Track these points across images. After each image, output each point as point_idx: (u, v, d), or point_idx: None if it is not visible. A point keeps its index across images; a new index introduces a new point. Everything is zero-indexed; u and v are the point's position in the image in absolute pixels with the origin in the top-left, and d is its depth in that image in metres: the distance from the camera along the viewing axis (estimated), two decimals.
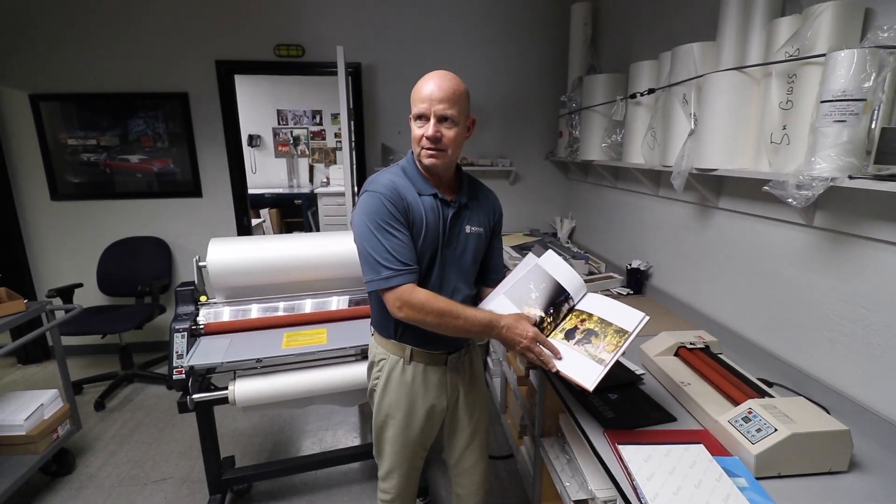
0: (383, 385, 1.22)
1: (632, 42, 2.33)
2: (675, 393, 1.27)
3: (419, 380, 1.21)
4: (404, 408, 1.22)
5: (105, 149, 2.87)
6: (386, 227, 1.05)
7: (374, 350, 1.24)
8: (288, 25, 2.82)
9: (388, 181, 1.10)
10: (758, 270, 1.48)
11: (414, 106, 1.10)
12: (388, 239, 1.04)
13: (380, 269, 1.04)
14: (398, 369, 1.20)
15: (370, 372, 1.27)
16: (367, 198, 1.07)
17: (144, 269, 2.90)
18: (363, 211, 1.07)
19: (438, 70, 1.12)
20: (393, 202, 1.06)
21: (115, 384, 2.69)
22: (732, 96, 1.39)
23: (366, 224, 1.05)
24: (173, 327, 1.42)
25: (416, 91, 1.10)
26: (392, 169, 1.16)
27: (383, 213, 1.05)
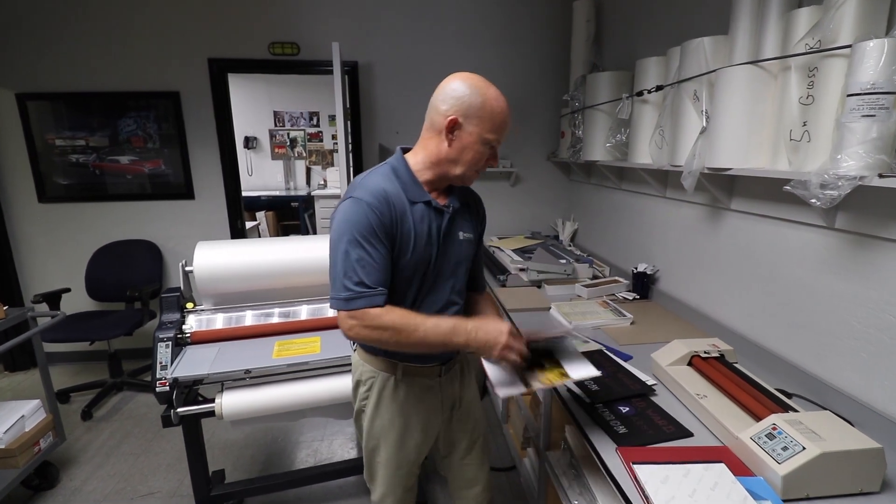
0: (374, 406, 1.13)
1: (637, 38, 2.26)
2: (691, 406, 1.19)
3: (413, 397, 1.13)
4: (398, 428, 1.13)
5: (94, 150, 2.79)
6: (363, 241, 0.94)
7: (360, 368, 1.15)
8: (283, 22, 2.75)
9: (377, 188, 0.98)
10: (774, 275, 1.41)
11: (487, 130, 0.99)
12: (361, 256, 0.94)
13: (341, 289, 0.94)
14: (389, 388, 1.11)
15: (356, 392, 1.17)
16: (350, 205, 0.96)
17: (135, 274, 2.81)
18: (343, 218, 0.96)
19: (499, 92, 1.01)
20: (378, 214, 0.95)
21: (103, 392, 2.60)
22: (747, 92, 1.33)
23: (341, 234, 0.95)
24: (157, 336, 1.34)
25: (492, 115, 0.98)
26: (381, 170, 1.04)
27: (363, 226, 0.94)
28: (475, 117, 0.98)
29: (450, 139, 1.00)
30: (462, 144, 1.00)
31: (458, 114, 0.97)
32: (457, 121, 0.97)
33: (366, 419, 1.15)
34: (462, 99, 0.97)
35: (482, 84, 0.99)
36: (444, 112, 0.98)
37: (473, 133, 0.99)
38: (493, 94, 0.99)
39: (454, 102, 0.98)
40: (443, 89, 1.00)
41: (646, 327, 1.71)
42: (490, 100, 0.98)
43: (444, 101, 0.99)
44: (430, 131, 1.02)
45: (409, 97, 2.92)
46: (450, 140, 1.00)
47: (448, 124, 0.98)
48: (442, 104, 0.99)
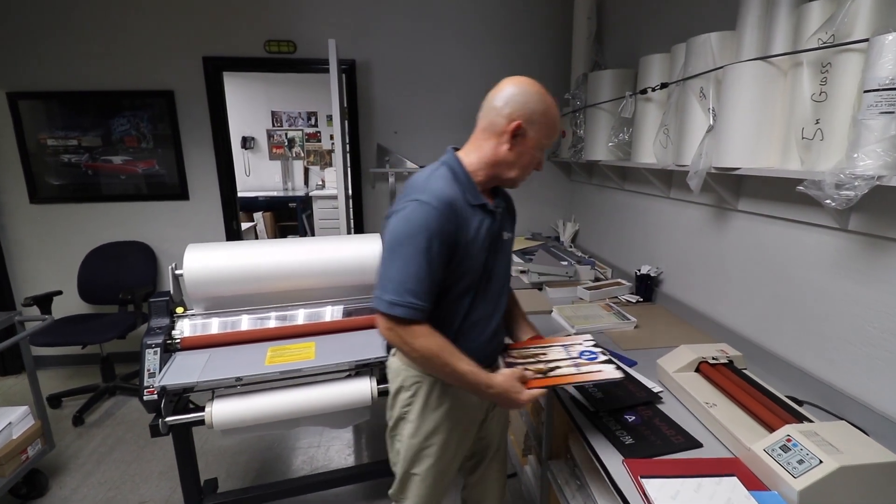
0: (419, 413, 1.08)
1: (640, 35, 2.22)
2: (699, 414, 1.15)
3: (459, 400, 1.09)
4: (443, 435, 1.09)
5: (87, 149, 2.74)
6: (426, 248, 0.91)
7: (403, 373, 1.09)
8: (279, 20, 2.70)
9: (442, 192, 0.95)
10: (783, 278, 1.36)
11: (545, 136, 1.03)
12: (420, 265, 0.91)
13: (387, 290, 0.92)
14: (436, 392, 1.07)
15: (396, 399, 1.11)
16: (417, 209, 0.92)
17: (128, 276, 2.76)
18: (406, 221, 0.92)
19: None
20: (445, 220, 0.93)
21: (95, 397, 2.55)
22: (756, 89, 1.28)
23: (404, 236, 0.91)
24: (145, 342, 1.29)
25: (552, 122, 1.03)
26: (440, 172, 1.01)
27: (429, 233, 0.91)
28: (537, 123, 0.99)
29: (511, 143, 1.00)
30: (522, 149, 1.01)
31: (522, 119, 0.98)
32: (521, 125, 0.98)
33: (408, 428, 1.10)
34: (527, 104, 0.98)
35: (543, 90, 1.01)
36: (508, 115, 0.98)
37: (533, 139, 1.01)
38: (551, 101, 1.02)
39: (519, 107, 0.98)
40: (504, 92, 1.00)
41: (650, 331, 1.67)
42: (551, 107, 1.01)
43: (508, 105, 0.98)
44: (488, 133, 1.02)
45: (407, 96, 2.87)
46: (511, 144, 1.00)
47: (513, 129, 0.98)
48: (505, 107, 0.99)
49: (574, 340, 1.17)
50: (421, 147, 2.96)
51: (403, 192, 1.01)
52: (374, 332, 1.52)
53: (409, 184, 1.03)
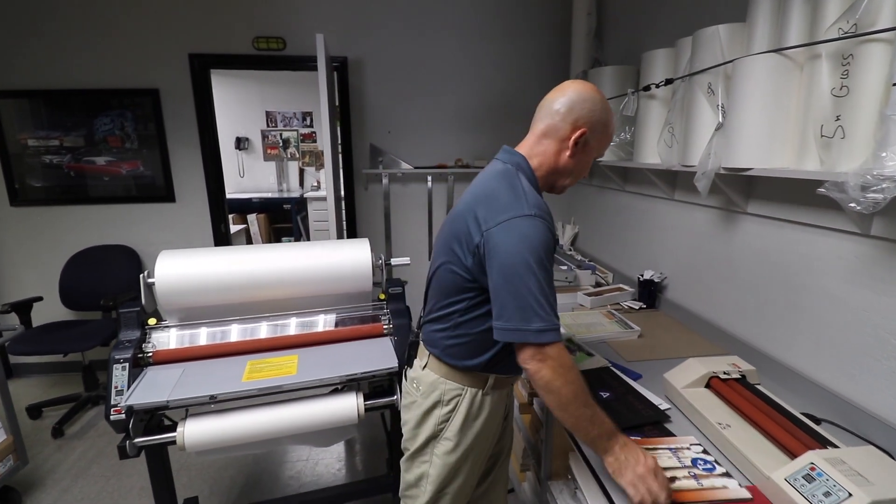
0: (459, 428, 1.01)
1: (642, 31, 2.13)
2: (712, 436, 1.06)
3: (493, 410, 1.06)
4: (478, 448, 1.05)
5: (69, 150, 2.64)
6: (549, 265, 0.86)
7: (441, 387, 1.02)
8: (268, 16, 2.61)
9: (542, 202, 0.91)
10: (798, 285, 1.27)
11: (603, 147, 1.00)
12: (548, 283, 0.85)
13: (531, 318, 0.83)
14: (476, 404, 1.02)
15: (429, 416, 1.03)
16: (529, 224, 0.85)
17: (111, 281, 2.66)
18: (528, 241, 0.84)
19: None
20: (552, 233, 0.88)
21: (77, 407, 2.45)
22: (769, 84, 1.19)
23: (529, 258, 0.84)
24: (112, 357, 1.20)
25: (610, 134, 0.99)
26: (523, 181, 0.92)
27: (548, 247, 0.86)
28: (599, 133, 0.96)
29: (573, 151, 0.95)
30: (581, 158, 0.97)
31: (588, 127, 0.93)
32: (586, 134, 0.94)
33: (444, 446, 1.03)
34: (594, 112, 0.94)
35: (605, 99, 0.97)
36: (573, 122, 0.93)
37: (594, 148, 0.97)
38: (610, 108, 0.98)
39: (585, 114, 0.93)
40: (568, 96, 0.94)
41: (655, 341, 1.58)
42: (612, 117, 0.97)
43: (573, 111, 0.93)
44: (550, 138, 0.96)
45: (401, 95, 2.78)
46: (573, 152, 0.95)
47: (578, 136, 0.93)
48: (569, 114, 0.93)
49: (680, 443, 1.06)
50: (415, 147, 2.87)
51: (487, 197, 0.91)
52: (362, 343, 1.46)
53: (488, 191, 0.93)
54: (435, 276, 1.04)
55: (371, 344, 1.41)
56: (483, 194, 0.94)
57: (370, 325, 1.46)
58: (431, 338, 1.05)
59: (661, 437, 1.08)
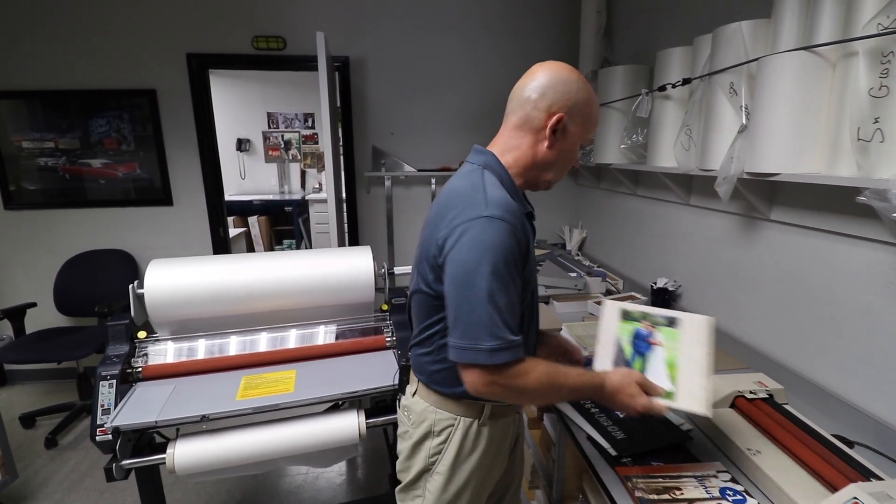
0: (451, 462, 0.92)
1: (655, 29, 2.06)
2: (741, 463, 0.98)
3: (494, 441, 0.96)
4: (478, 481, 0.95)
5: (64, 152, 2.58)
6: (508, 275, 0.76)
7: (431, 416, 0.93)
8: (267, 15, 2.55)
9: (507, 202, 0.80)
10: (826, 298, 1.20)
11: (588, 131, 0.89)
12: (507, 294, 0.76)
13: (483, 337, 0.74)
14: (472, 435, 0.93)
15: (419, 448, 0.95)
16: (486, 226, 0.75)
17: (107, 287, 2.60)
18: (480, 244, 0.75)
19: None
20: (518, 237, 0.78)
21: (71, 416, 2.39)
22: (798, 83, 1.12)
23: (482, 266, 0.74)
24: (99, 373, 1.13)
25: (594, 115, 0.88)
26: (488, 178, 0.84)
27: (507, 254, 0.76)
28: (580, 115, 0.85)
29: (552, 141, 0.85)
30: (563, 147, 0.87)
31: (564, 111, 0.83)
32: (563, 119, 0.84)
33: (436, 481, 0.94)
34: (568, 94, 0.83)
35: (582, 76, 0.87)
36: (547, 108, 0.84)
37: (575, 134, 0.87)
38: (591, 88, 0.87)
39: (560, 97, 0.83)
40: (538, 80, 0.85)
41: None
42: (592, 95, 0.86)
43: (545, 96, 0.83)
44: (523, 130, 0.87)
45: (404, 96, 2.71)
46: (551, 142, 0.85)
47: (553, 124, 0.83)
48: (541, 99, 0.84)
49: (705, 470, 0.98)
50: (419, 149, 2.80)
51: (445, 206, 0.83)
52: (363, 357, 1.38)
53: (453, 195, 0.85)
54: (412, 298, 0.96)
55: (373, 358, 1.34)
56: (444, 203, 0.85)
57: (372, 338, 1.39)
58: (418, 363, 0.97)
59: (685, 464, 1.00)
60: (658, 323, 0.98)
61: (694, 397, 0.88)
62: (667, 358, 0.95)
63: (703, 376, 0.89)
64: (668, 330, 0.97)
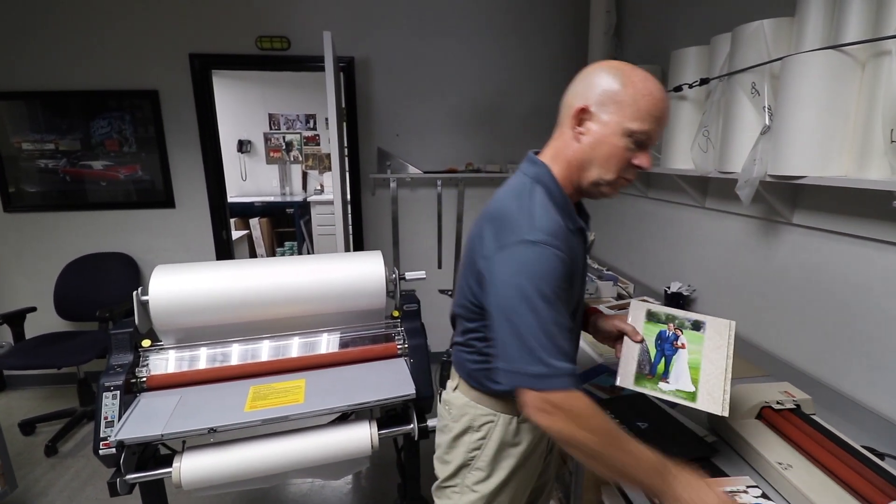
0: (492, 457, 0.93)
1: (667, 28, 2.02)
2: (771, 478, 0.94)
3: (533, 438, 0.96)
4: (519, 480, 0.96)
5: (64, 154, 2.54)
6: (555, 299, 0.73)
7: (471, 411, 0.94)
8: (271, 15, 2.51)
9: (554, 223, 0.76)
10: (852, 305, 1.16)
11: (631, 117, 0.77)
12: (553, 318, 0.72)
13: (532, 362, 0.71)
14: (511, 431, 0.93)
15: (458, 442, 0.95)
16: (530, 252, 0.73)
17: (108, 291, 2.56)
18: (527, 271, 0.72)
19: (650, 74, 0.80)
20: (566, 262, 0.75)
21: (72, 422, 2.35)
22: (826, 83, 1.08)
23: (526, 291, 0.72)
24: (102, 384, 1.09)
25: (637, 98, 0.77)
26: (538, 196, 0.80)
27: (555, 279, 0.73)
28: (612, 103, 0.77)
29: (578, 134, 0.80)
30: (594, 139, 0.79)
31: (587, 101, 0.79)
32: (586, 109, 0.79)
33: (476, 476, 0.95)
34: (594, 84, 0.79)
35: (625, 67, 0.80)
36: (571, 103, 0.81)
37: (610, 123, 0.77)
38: (641, 75, 0.78)
39: (581, 89, 0.80)
40: (573, 82, 0.84)
41: None
42: (634, 81, 0.77)
43: (570, 94, 0.82)
44: (560, 130, 0.85)
45: (410, 96, 2.68)
46: (578, 135, 0.80)
47: (575, 114, 0.79)
48: (571, 97, 0.82)
49: (735, 485, 0.94)
50: (424, 151, 2.76)
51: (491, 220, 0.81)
52: (374, 365, 1.34)
53: (500, 211, 0.81)
54: (456, 297, 0.96)
55: (384, 366, 1.31)
56: (491, 213, 0.83)
57: (383, 346, 1.35)
58: (459, 361, 0.98)
59: (713, 478, 0.96)
60: (684, 326, 0.98)
61: (713, 398, 0.90)
62: (690, 360, 0.95)
63: (723, 379, 0.91)
64: (693, 333, 0.97)
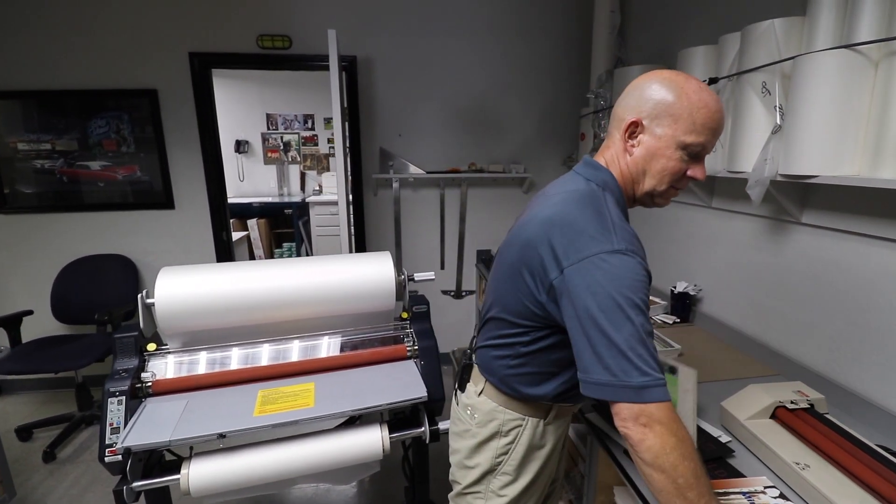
0: (520, 461, 0.93)
1: (672, 28, 2.02)
2: (788, 478, 0.94)
3: (556, 440, 0.98)
4: (543, 482, 0.97)
5: (61, 154, 2.50)
6: (644, 308, 0.71)
7: (500, 416, 0.93)
8: (273, 13, 2.49)
9: (631, 233, 0.77)
10: (863, 303, 1.16)
11: (686, 131, 0.77)
12: (647, 328, 0.71)
13: (630, 372, 0.68)
14: (538, 434, 0.94)
15: (485, 447, 0.94)
16: (626, 263, 0.72)
17: (106, 293, 2.52)
18: (619, 281, 0.70)
19: (704, 85, 0.80)
20: (648, 270, 0.75)
21: (70, 428, 2.31)
22: (838, 83, 1.08)
23: (622, 300, 0.69)
24: (107, 389, 1.07)
25: (693, 111, 0.76)
26: (611, 204, 0.79)
27: (643, 288, 0.72)
28: (667, 116, 0.78)
29: (630, 147, 0.82)
30: (647, 151, 0.80)
31: (638, 114, 0.80)
32: (639, 122, 0.80)
33: (502, 480, 0.94)
34: (645, 97, 0.80)
35: (678, 78, 0.79)
36: (622, 116, 0.82)
37: (664, 136, 0.78)
38: (694, 86, 0.78)
39: (633, 102, 0.81)
40: (625, 93, 0.84)
41: (697, 361, 1.45)
42: (688, 93, 0.77)
43: (621, 106, 0.83)
44: (611, 143, 0.86)
45: (412, 96, 2.66)
46: (630, 148, 0.82)
47: (626, 127, 0.81)
48: (623, 110, 0.82)
49: (752, 485, 0.93)
50: (427, 151, 2.74)
51: (555, 227, 0.78)
52: (384, 367, 1.32)
53: (567, 217, 0.78)
54: (498, 299, 0.92)
55: (394, 368, 1.29)
56: (560, 219, 0.78)
57: (392, 348, 1.34)
58: (489, 365, 0.95)
59: (730, 479, 0.96)
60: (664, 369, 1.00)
61: None
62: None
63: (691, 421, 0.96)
64: (670, 377, 1.01)
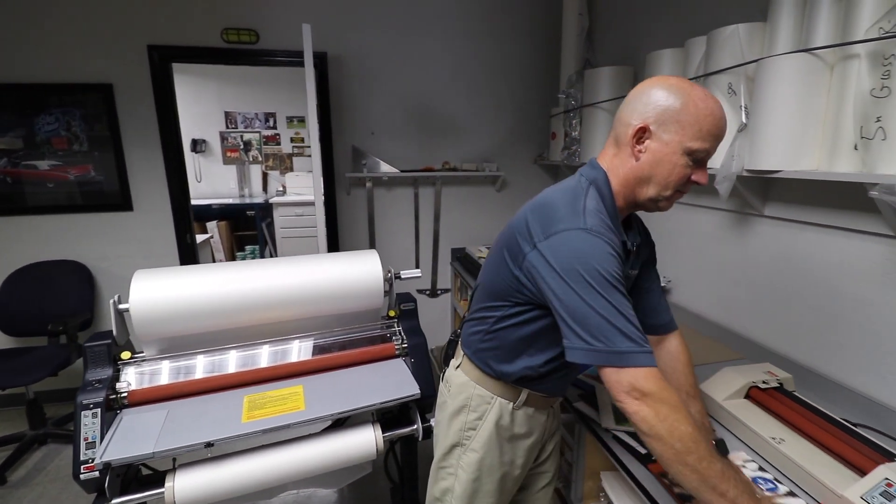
0: (486, 440, 0.96)
1: (639, 31, 2.11)
2: (765, 452, 1.01)
3: (526, 427, 1.00)
4: (506, 465, 0.99)
5: (5, 153, 2.30)
6: (616, 284, 0.74)
7: (469, 390, 0.98)
8: (239, 6, 2.39)
9: (603, 225, 0.79)
10: (821, 290, 1.26)
11: (691, 137, 0.79)
12: (621, 301, 0.74)
13: (614, 338, 0.71)
14: (506, 417, 0.97)
15: (454, 420, 0.99)
16: (583, 238, 0.76)
17: (59, 302, 2.35)
18: (582, 256, 0.74)
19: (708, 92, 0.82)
20: (617, 252, 0.78)
21: (21, 448, 2.14)
22: (798, 84, 1.17)
23: (583, 274, 0.73)
24: (80, 402, 0.99)
25: (698, 118, 0.79)
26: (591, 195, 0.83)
27: (611, 265, 0.75)
28: (673, 122, 0.79)
29: (636, 151, 0.83)
30: (654, 157, 0.82)
31: (647, 120, 0.81)
32: (646, 128, 0.81)
33: (470, 457, 0.98)
34: (653, 102, 0.81)
35: (684, 84, 0.81)
36: (629, 121, 0.83)
37: (671, 142, 0.80)
38: (699, 94, 0.80)
39: (641, 107, 0.82)
40: (629, 97, 0.86)
41: None
42: (695, 100, 0.79)
43: (629, 109, 0.84)
44: (614, 147, 0.87)
45: (384, 94, 2.64)
46: (637, 153, 0.83)
47: (634, 133, 0.82)
48: (630, 114, 0.84)
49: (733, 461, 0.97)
50: (400, 150, 2.73)
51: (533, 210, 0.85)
52: (373, 367, 1.30)
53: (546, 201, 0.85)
54: (482, 277, 0.99)
55: (383, 367, 1.28)
56: (539, 203, 0.87)
57: (380, 346, 1.32)
58: (468, 338, 1.01)
59: None
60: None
61: None
62: None
63: None
64: None
